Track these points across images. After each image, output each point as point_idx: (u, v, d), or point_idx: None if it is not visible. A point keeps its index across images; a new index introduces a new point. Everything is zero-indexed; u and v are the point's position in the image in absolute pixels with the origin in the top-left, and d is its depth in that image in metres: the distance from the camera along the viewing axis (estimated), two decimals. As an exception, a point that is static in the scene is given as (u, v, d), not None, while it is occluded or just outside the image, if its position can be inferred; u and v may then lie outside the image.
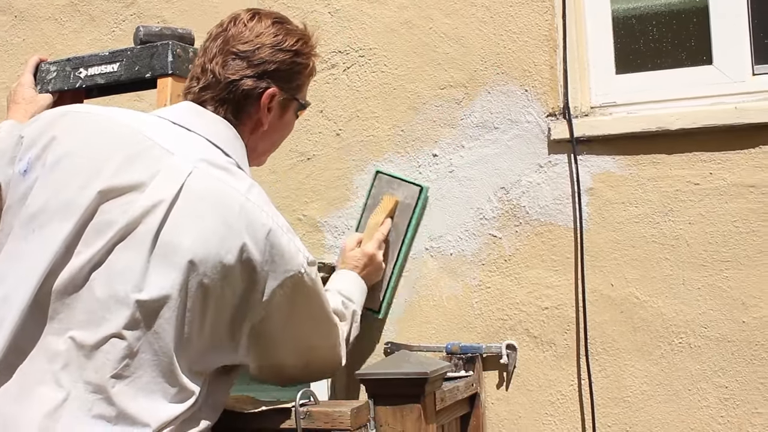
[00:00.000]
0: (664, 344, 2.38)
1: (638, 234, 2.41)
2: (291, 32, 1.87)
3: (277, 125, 1.91)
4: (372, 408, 1.94)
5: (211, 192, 1.66)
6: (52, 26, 3.09)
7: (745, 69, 2.41)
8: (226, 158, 1.76)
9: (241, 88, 1.80)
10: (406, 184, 2.56)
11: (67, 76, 2.27)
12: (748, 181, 2.32)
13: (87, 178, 1.66)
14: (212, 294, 1.63)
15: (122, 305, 1.59)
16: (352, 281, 2.35)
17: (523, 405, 2.49)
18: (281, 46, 1.84)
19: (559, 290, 2.47)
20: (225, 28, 1.86)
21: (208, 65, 1.82)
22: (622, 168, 2.43)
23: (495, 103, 2.56)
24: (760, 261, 2.31)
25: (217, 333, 1.68)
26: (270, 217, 1.69)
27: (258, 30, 1.84)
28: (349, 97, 2.71)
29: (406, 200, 2.55)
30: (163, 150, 1.69)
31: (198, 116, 1.80)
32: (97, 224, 1.63)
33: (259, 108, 1.83)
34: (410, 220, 2.54)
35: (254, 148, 1.90)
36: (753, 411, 2.30)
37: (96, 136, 1.72)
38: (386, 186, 2.58)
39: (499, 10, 2.56)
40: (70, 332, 1.59)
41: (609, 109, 2.50)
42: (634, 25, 2.60)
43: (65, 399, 1.57)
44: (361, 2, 2.72)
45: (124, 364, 1.59)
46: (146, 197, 1.63)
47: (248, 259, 1.65)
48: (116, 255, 1.61)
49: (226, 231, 1.64)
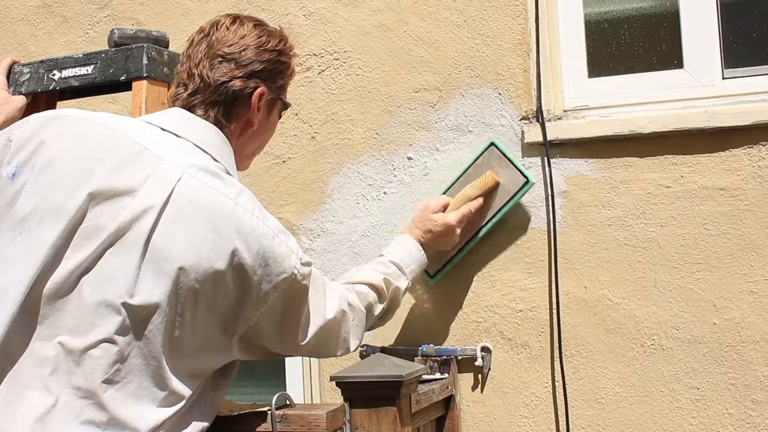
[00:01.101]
0: (636, 346, 2.40)
1: (611, 237, 2.43)
2: (272, 33, 1.90)
3: (264, 125, 1.92)
4: (348, 411, 1.95)
5: (200, 197, 1.66)
6: (26, 28, 3.08)
7: (715, 73, 2.44)
8: (215, 164, 1.75)
9: (231, 89, 1.82)
10: (514, 169, 2.44)
11: (41, 78, 2.25)
12: (718, 184, 2.35)
13: (76, 181, 1.65)
14: (203, 299, 1.63)
15: (113, 311, 1.58)
16: (412, 251, 2.31)
17: (497, 407, 2.50)
18: (266, 46, 1.86)
19: (533, 293, 2.49)
20: (207, 33, 1.87)
21: (195, 70, 1.83)
22: (595, 171, 2.45)
23: (469, 107, 2.57)
24: (731, 263, 2.33)
25: (209, 336, 1.68)
26: (260, 221, 1.70)
27: (241, 33, 1.86)
28: (324, 100, 2.72)
29: (507, 186, 2.44)
30: (153, 155, 1.68)
31: (187, 122, 1.80)
32: (86, 229, 1.62)
33: (249, 108, 1.84)
34: (502, 208, 2.45)
35: (242, 150, 1.90)
36: (724, 412, 2.33)
37: (86, 140, 1.71)
38: (495, 162, 2.46)
39: (473, 14, 2.58)
40: (59, 337, 1.59)
41: (582, 112, 2.52)
42: (607, 30, 2.62)
43: (54, 404, 1.56)
44: (335, 5, 2.72)
45: (115, 369, 1.58)
46: (136, 202, 1.63)
47: (240, 264, 1.65)
48: (106, 260, 1.61)
49: (216, 237, 1.64)
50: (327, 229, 2.69)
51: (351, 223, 2.67)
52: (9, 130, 1.79)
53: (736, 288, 2.33)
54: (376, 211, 2.65)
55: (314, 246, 2.69)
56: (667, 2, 2.56)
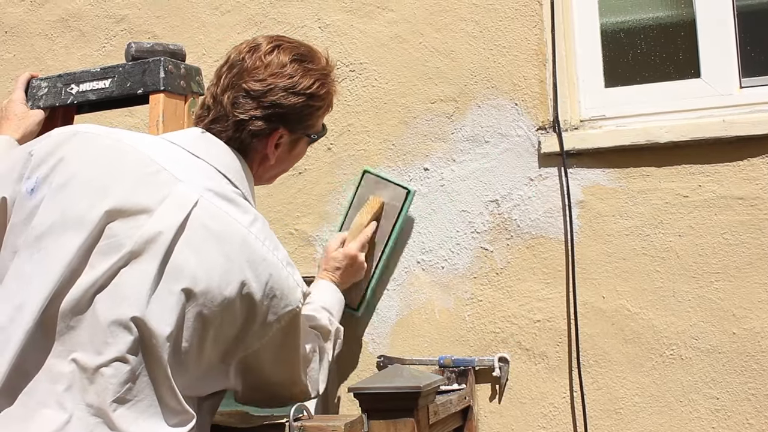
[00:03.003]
0: (655, 356, 2.39)
1: (629, 246, 2.42)
2: (309, 72, 1.83)
3: (286, 158, 1.91)
4: (366, 422, 1.95)
5: (215, 223, 1.66)
6: (43, 42, 3.10)
7: (732, 82, 2.43)
8: (233, 188, 1.76)
9: (249, 128, 1.79)
10: (392, 185, 2.54)
11: (59, 93, 2.27)
12: (736, 194, 2.34)
13: (93, 199, 1.65)
14: (212, 325, 1.64)
15: (125, 330, 1.59)
16: (333, 294, 2.32)
17: (515, 417, 2.49)
18: (295, 89, 1.80)
19: (550, 303, 2.48)
20: (242, 58, 1.82)
21: (220, 98, 1.80)
22: (612, 181, 2.44)
23: (485, 117, 2.57)
24: (750, 272, 2.32)
25: (211, 361, 1.69)
26: (270, 251, 1.70)
27: (273, 68, 1.80)
28: (340, 112, 2.72)
29: (392, 202, 2.53)
30: (171, 176, 1.69)
31: (207, 144, 1.79)
32: (102, 247, 1.63)
33: (267, 146, 1.83)
34: (395, 223, 2.52)
35: (262, 176, 1.91)
36: (744, 422, 2.31)
37: (104, 158, 1.72)
38: (373, 186, 2.56)
39: (488, 25, 2.58)
40: (74, 354, 1.59)
41: (598, 122, 2.51)
42: (623, 39, 2.62)
43: (68, 421, 1.56)
44: (351, 17, 2.73)
45: (127, 387, 1.59)
46: (153, 223, 1.63)
47: (248, 294, 1.66)
48: (120, 279, 1.61)
49: (228, 264, 1.64)
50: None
51: (367, 234, 2.67)
52: (31, 144, 1.79)
53: (755, 297, 2.31)
54: (392, 222, 2.65)
55: (331, 257, 2.69)
56: (683, 12, 2.55)
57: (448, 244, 2.57)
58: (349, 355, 2.63)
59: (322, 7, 2.76)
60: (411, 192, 2.51)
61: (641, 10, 2.63)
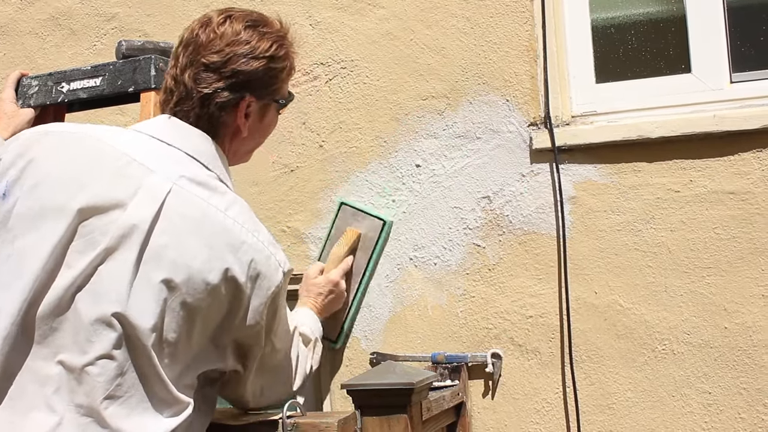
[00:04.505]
0: (647, 351, 2.39)
1: (621, 242, 2.42)
2: (265, 36, 1.81)
3: (257, 128, 1.88)
4: (359, 419, 1.95)
5: (190, 211, 1.65)
6: (33, 40, 3.09)
7: (722, 77, 2.44)
8: (207, 172, 1.74)
9: (215, 101, 1.77)
10: (369, 217, 2.57)
11: (49, 91, 2.26)
12: (727, 188, 2.34)
13: (66, 197, 1.64)
14: (198, 312, 1.63)
15: (108, 326, 1.58)
16: (313, 320, 2.32)
17: (509, 413, 2.50)
18: (254, 53, 1.78)
19: (543, 299, 2.48)
20: (196, 34, 1.80)
21: (181, 78, 1.78)
22: (604, 176, 2.45)
23: (477, 114, 2.57)
24: (741, 267, 2.33)
25: (203, 348, 1.68)
26: (250, 233, 1.69)
27: (229, 37, 1.77)
28: (332, 109, 2.72)
29: (369, 233, 2.56)
30: (143, 167, 1.67)
31: (177, 130, 1.77)
32: (78, 245, 1.62)
33: (236, 117, 1.81)
34: (371, 255, 2.55)
35: (236, 151, 1.88)
36: (736, 416, 2.32)
37: (74, 155, 1.70)
38: (350, 218, 2.59)
39: (479, 21, 2.58)
40: (60, 356, 1.58)
41: (590, 117, 2.52)
42: (614, 35, 2.62)
43: (59, 423, 1.56)
44: (342, 14, 2.73)
45: (116, 384, 1.58)
46: (127, 217, 1.62)
47: (232, 278, 1.65)
48: (99, 276, 1.60)
49: (208, 251, 1.64)
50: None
51: (360, 231, 2.67)
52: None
53: (747, 292, 2.32)
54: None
55: (323, 254, 2.70)
56: (673, 7, 2.56)
57: (440, 240, 2.58)
58: (341, 352, 2.63)
59: (313, 5, 2.76)
60: (387, 223, 2.55)
61: (632, 6, 2.64)
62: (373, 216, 2.56)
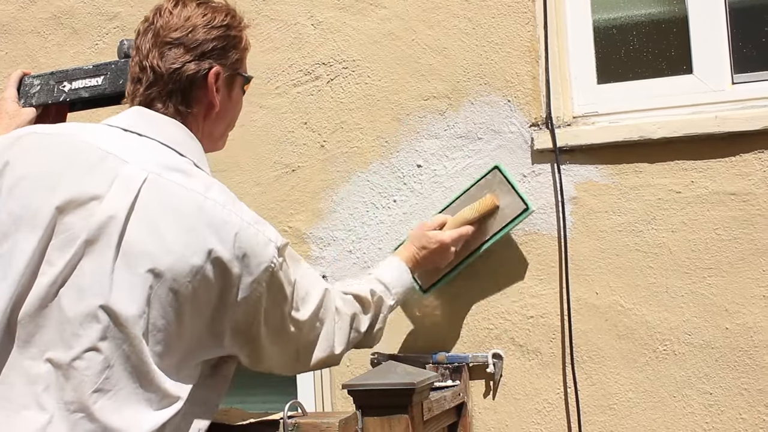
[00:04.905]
0: (648, 351, 2.39)
1: (622, 242, 2.42)
2: (217, 9, 1.86)
3: (228, 105, 1.88)
4: (360, 419, 1.94)
5: (168, 197, 1.65)
6: (35, 39, 3.09)
7: (724, 78, 2.44)
8: (182, 159, 1.73)
9: (185, 75, 1.78)
10: (515, 195, 2.42)
11: (51, 90, 2.26)
12: (729, 189, 2.34)
13: (43, 197, 1.64)
14: (186, 299, 1.62)
15: (93, 319, 1.57)
16: (399, 274, 2.28)
17: (510, 414, 2.50)
18: (213, 23, 1.82)
19: (544, 299, 2.48)
20: (151, 21, 1.83)
21: (146, 62, 1.79)
22: (605, 177, 2.45)
23: (478, 114, 2.57)
24: (742, 268, 2.33)
25: (196, 334, 1.66)
26: (232, 213, 1.67)
27: (185, 14, 1.81)
28: (333, 109, 2.72)
29: (506, 210, 2.43)
30: (117, 159, 1.67)
31: (148, 120, 1.77)
32: (58, 242, 1.62)
33: (207, 90, 1.81)
34: (498, 231, 2.44)
35: (210, 133, 1.88)
36: (737, 417, 2.32)
37: (49, 155, 1.70)
38: (497, 185, 2.46)
39: (481, 22, 2.58)
40: (47, 354, 1.58)
41: (591, 118, 2.52)
42: (615, 36, 2.62)
43: (49, 421, 1.55)
44: (344, 14, 2.73)
45: (104, 377, 1.57)
46: (103, 209, 1.62)
47: (217, 259, 1.63)
48: (81, 270, 1.60)
49: (189, 235, 1.62)
50: (336, 237, 2.69)
51: (360, 231, 2.67)
52: None
53: (748, 292, 2.32)
54: (385, 219, 2.65)
55: (324, 254, 2.70)
56: (675, 8, 2.56)
57: (441, 240, 2.57)
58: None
59: (315, 5, 2.76)
60: (529, 209, 2.42)
61: (633, 7, 2.64)
62: (520, 197, 2.42)
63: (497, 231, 2.45)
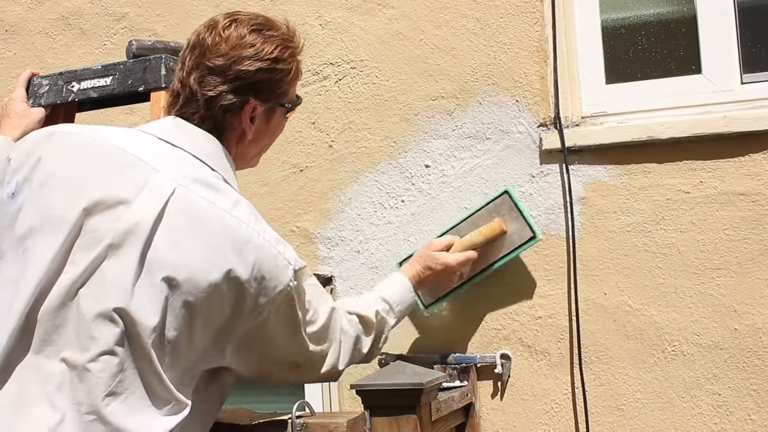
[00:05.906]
0: (657, 352, 2.39)
1: (630, 243, 2.42)
2: (269, 39, 1.81)
3: (264, 132, 1.87)
4: (368, 419, 1.95)
5: (194, 210, 1.65)
6: (44, 40, 3.09)
7: (733, 78, 2.43)
8: (212, 173, 1.74)
9: (220, 104, 1.76)
10: (523, 222, 2.41)
11: (60, 90, 2.26)
12: (738, 189, 2.34)
13: (72, 196, 1.65)
14: (199, 312, 1.63)
15: (110, 323, 1.58)
16: (402, 292, 2.28)
17: (517, 414, 2.49)
18: (259, 56, 1.78)
19: (552, 299, 2.48)
20: (202, 38, 1.80)
21: (186, 81, 1.79)
22: (614, 177, 2.44)
23: (486, 114, 2.57)
24: (751, 268, 2.32)
25: (204, 346, 1.67)
26: (256, 233, 1.67)
27: (234, 40, 1.77)
28: (341, 109, 2.72)
29: (513, 236, 2.42)
30: (147, 166, 1.68)
31: (182, 131, 1.77)
32: (83, 243, 1.62)
33: (241, 120, 1.80)
34: (503, 256, 2.44)
35: (243, 155, 1.87)
36: (746, 418, 2.31)
37: (80, 155, 1.71)
38: (506, 210, 2.44)
39: (489, 22, 2.58)
40: (63, 353, 1.59)
41: (600, 118, 2.51)
42: (624, 35, 2.62)
43: (61, 421, 1.55)
44: (351, 14, 2.73)
45: (117, 381, 1.58)
46: (131, 215, 1.62)
47: (235, 278, 1.63)
48: (102, 273, 1.60)
49: (210, 250, 1.63)
50: (345, 237, 2.69)
51: (368, 231, 2.67)
52: (9, 149, 1.80)
53: (757, 293, 2.32)
54: (393, 219, 2.65)
55: (332, 255, 2.70)
56: (684, 8, 2.55)
57: (449, 240, 2.57)
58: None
59: (323, 5, 2.76)
60: (536, 238, 2.40)
61: (642, 7, 2.63)
62: (528, 224, 2.40)
63: (502, 256, 2.44)
